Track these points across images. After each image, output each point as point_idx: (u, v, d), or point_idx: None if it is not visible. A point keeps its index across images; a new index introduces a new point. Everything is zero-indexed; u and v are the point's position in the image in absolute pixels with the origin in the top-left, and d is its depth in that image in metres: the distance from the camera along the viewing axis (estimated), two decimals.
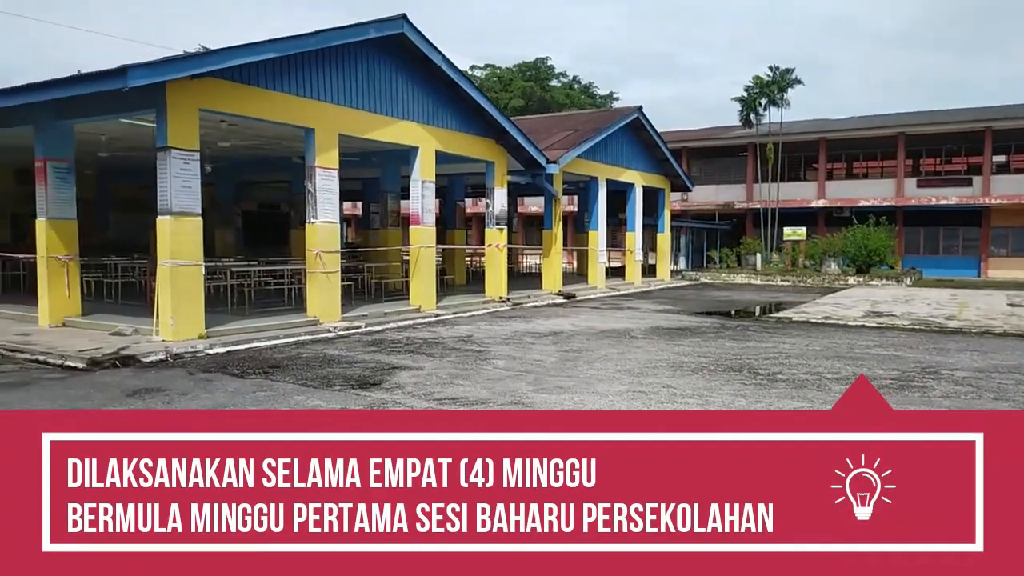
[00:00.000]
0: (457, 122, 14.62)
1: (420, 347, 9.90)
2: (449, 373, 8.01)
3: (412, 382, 7.51)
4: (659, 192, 24.26)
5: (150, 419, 3.94)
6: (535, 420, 3.98)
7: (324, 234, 11.81)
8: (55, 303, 11.07)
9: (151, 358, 8.83)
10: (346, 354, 9.25)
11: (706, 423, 3.07)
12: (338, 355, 9.17)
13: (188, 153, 9.75)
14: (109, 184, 22.75)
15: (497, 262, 16.04)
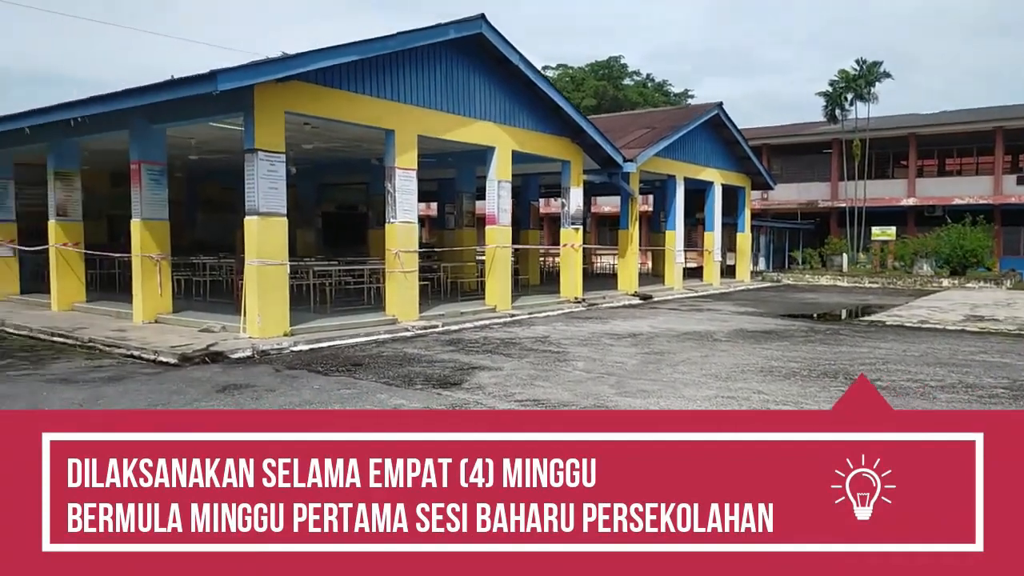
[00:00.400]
0: (533, 121, 14.53)
1: (497, 347, 9.84)
2: (529, 374, 7.90)
3: (492, 383, 7.44)
4: (739, 191, 23.57)
5: (150, 419, 3.95)
6: (535, 420, 3.99)
7: (402, 234, 11.91)
8: (148, 300, 11.52)
9: (239, 354, 9.06)
10: (425, 353, 9.27)
11: (706, 423, 3.08)
12: (417, 354, 9.20)
13: (274, 155, 9.97)
14: (197, 186, 23.69)
15: (572, 262, 15.87)
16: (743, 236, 24.13)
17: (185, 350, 8.98)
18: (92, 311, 12.90)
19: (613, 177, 16.95)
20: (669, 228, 19.88)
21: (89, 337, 10.09)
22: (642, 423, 3.06)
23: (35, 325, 11.26)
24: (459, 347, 9.83)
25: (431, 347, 9.82)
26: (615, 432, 2.90)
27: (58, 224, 13.23)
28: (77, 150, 13.36)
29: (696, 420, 3.59)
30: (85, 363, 8.50)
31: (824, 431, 2.86)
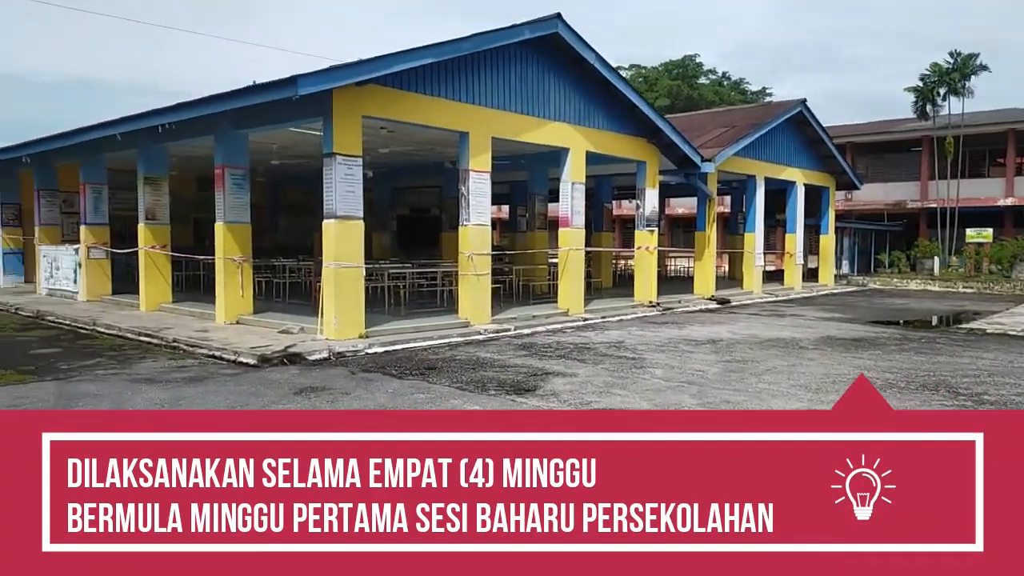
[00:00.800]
0: (608, 121, 14.26)
1: (571, 352, 9.63)
2: (605, 381, 7.68)
3: (567, 389, 7.25)
4: (822, 191, 22.63)
5: (150, 419, 3.92)
6: (535, 420, 4.00)
7: (476, 237, 11.85)
8: (230, 302, 11.82)
9: (316, 356, 9.16)
10: (498, 357, 9.16)
11: (706, 423, 3.11)
12: (490, 358, 9.09)
13: (352, 159, 10.06)
14: (278, 190, 24.36)
15: (647, 265, 15.51)
16: (827, 238, 23.16)
17: (264, 351, 9.13)
18: (177, 311, 13.35)
19: (690, 178, 16.49)
20: (748, 230, 19.24)
21: (173, 337, 10.41)
22: (642, 423, 3.07)
23: (124, 325, 11.71)
24: (532, 352, 9.68)
25: (503, 351, 9.70)
26: (615, 432, 2.90)
27: (147, 227, 13.75)
28: (165, 156, 13.86)
29: (696, 420, 3.61)
30: (169, 363, 8.74)
31: (824, 431, 2.86)
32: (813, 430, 2.88)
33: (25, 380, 7.51)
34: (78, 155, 15.51)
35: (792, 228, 21.10)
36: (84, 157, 15.40)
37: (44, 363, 8.55)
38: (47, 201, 17.51)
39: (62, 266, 16.47)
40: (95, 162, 15.41)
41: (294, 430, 2.93)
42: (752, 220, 19.15)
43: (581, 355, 9.41)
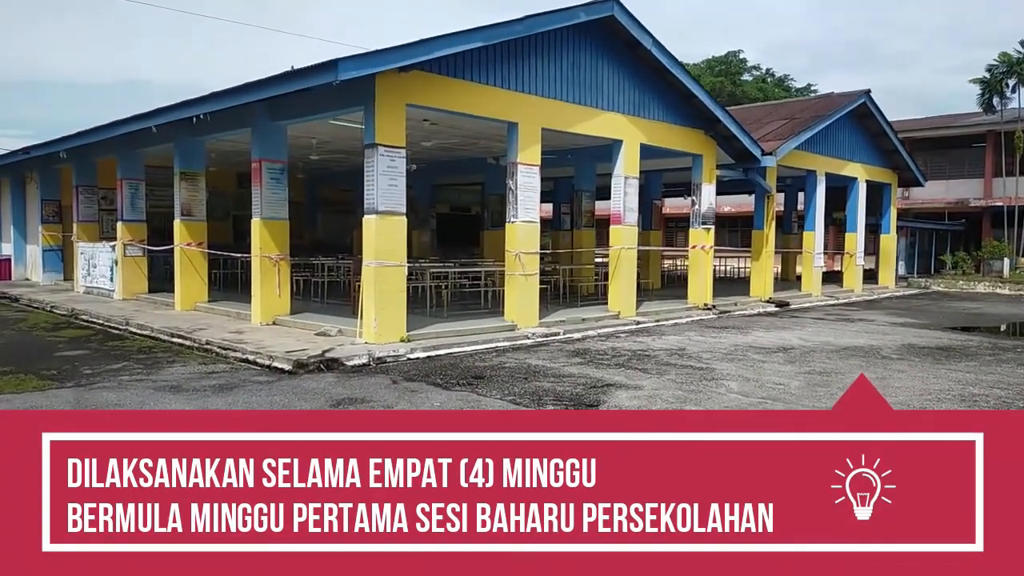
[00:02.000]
0: (663, 112, 13.41)
1: (630, 360, 8.84)
2: (675, 396, 6.88)
3: (633, 405, 6.48)
4: (883, 188, 21.40)
5: (150, 419, 3.90)
6: (535, 420, 3.88)
7: (524, 234, 11.11)
8: (266, 302, 11.27)
9: (354, 361, 8.52)
10: (550, 365, 8.41)
11: (706, 424, 3.09)
12: (542, 366, 8.35)
13: (395, 150, 9.41)
14: (318, 186, 23.94)
15: (702, 266, 14.60)
16: (887, 238, 21.91)
17: (300, 356, 8.52)
18: (213, 311, 12.88)
19: (749, 173, 15.53)
20: (808, 228, 18.17)
21: (206, 339, 9.88)
22: (642, 423, 3.08)
23: (157, 325, 11.24)
24: (587, 359, 8.91)
25: (555, 358, 8.95)
26: (615, 432, 2.89)
27: (183, 224, 13.30)
28: (202, 150, 13.40)
29: (696, 421, 3.56)
30: (199, 368, 8.17)
31: (824, 431, 2.85)
32: (813, 430, 2.86)
33: (45, 387, 6.98)
34: (115, 150, 15.18)
35: (853, 227, 19.93)
36: (121, 152, 15.05)
37: (68, 367, 8.04)
38: (85, 197, 17.26)
39: (99, 264, 16.17)
40: (132, 157, 15.05)
41: (293, 430, 2.89)
42: (812, 218, 18.07)
43: (642, 364, 8.61)
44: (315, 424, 3.02)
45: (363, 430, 2.90)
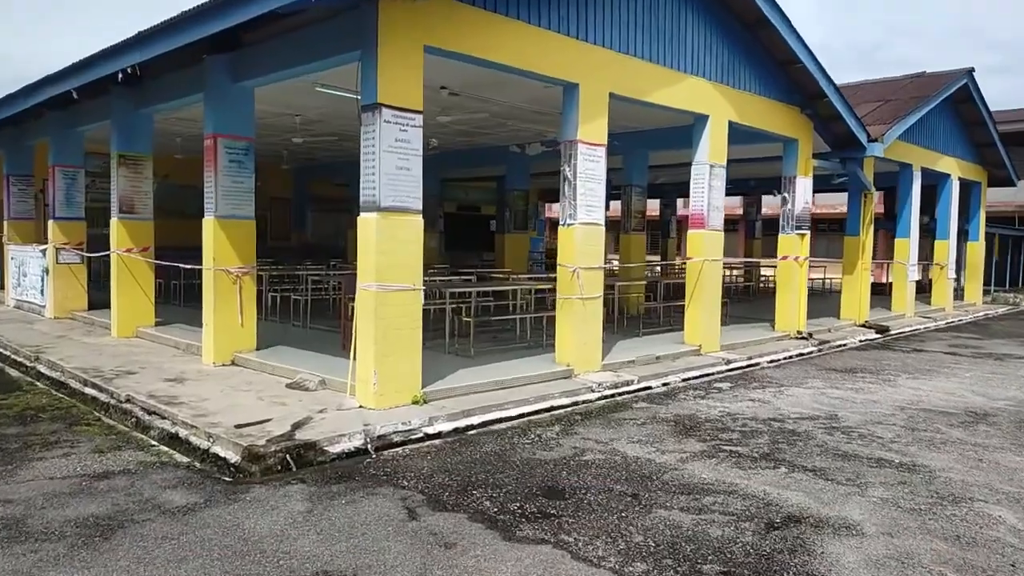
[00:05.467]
0: (755, 81, 10.21)
1: (776, 445, 5.63)
2: (936, 554, 3.66)
3: None
4: (973, 187, 18.21)
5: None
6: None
7: (584, 242, 7.90)
8: (223, 334, 8.05)
9: (341, 446, 5.30)
10: (660, 460, 5.19)
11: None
12: (648, 462, 5.13)
13: (406, 115, 6.19)
14: (307, 181, 20.69)
15: (795, 282, 11.38)
16: (975, 246, 18.69)
17: (256, 436, 5.30)
18: (158, 340, 9.64)
19: (848, 163, 12.34)
20: (901, 235, 14.94)
21: (128, 395, 6.65)
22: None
23: (74, 364, 8.02)
24: (707, 441, 5.69)
25: (658, 439, 5.73)
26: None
27: (121, 223, 10.06)
28: (147, 126, 10.16)
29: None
30: (89, 462, 4.94)
31: None
32: None
33: None
34: (47, 130, 11.98)
35: (944, 233, 16.72)
36: (53, 133, 11.83)
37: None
38: (19, 190, 13.99)
39: (29, 272, 12.93)
40: (67, 139, 11.82)
41: None
42: (906, 222, 14.86)
43: (801, 454, 5.39)
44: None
45: None
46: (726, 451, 5.38)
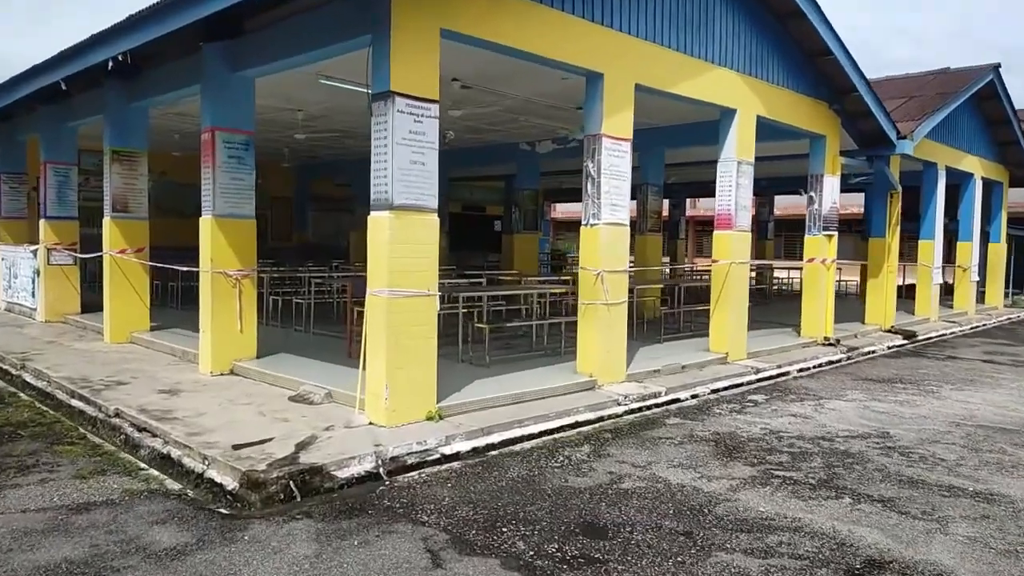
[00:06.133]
0: (784, 74, 9.68)
1: (832, 469, 5.10)
2: None
3: None
4: (994, 187, 17.67)
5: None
6: None
7: (609, 244, 7.37)
8: (221, 342, 7.51)
9: (349, 471, 4.77)
10: (708, 488, 4.66)
11: None
12: (695, 491, 4.59)
13: (422, 104, 5.66)
14: (309, 180, 20.16)
15: (822, 285, 10.84)
16: (997, 248, 18.15)
17: (256, 459, 4.76)
18: (153, 346, 9.11)
19: (875, 162, 11.80)
20: (925, 236, 14.40)
21: (117, 409, 6.11)
22: None
23: (62, 373, 7.49)
24: (754, 463, 5.16)
25: (701, 462, 5.19)
26: None
27: (114, 223, 9.53)
28: (142, 121, 9.62)
29: None
30: (69, 490, 4.41)
31: None
32: None
33: None
34: (37, 126, 11.45)
35: (967, 235, 16.18)
36: (43, 128, 11.30)
37: None
38: (11, 188, 13.44)
39: (20, 273, 12.40)
40: (59, 134, 11.28)
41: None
42: (930, 224, 14.32)
43: (861, 478, 4.86)
44: None
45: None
46: (778, 477, 4.85)
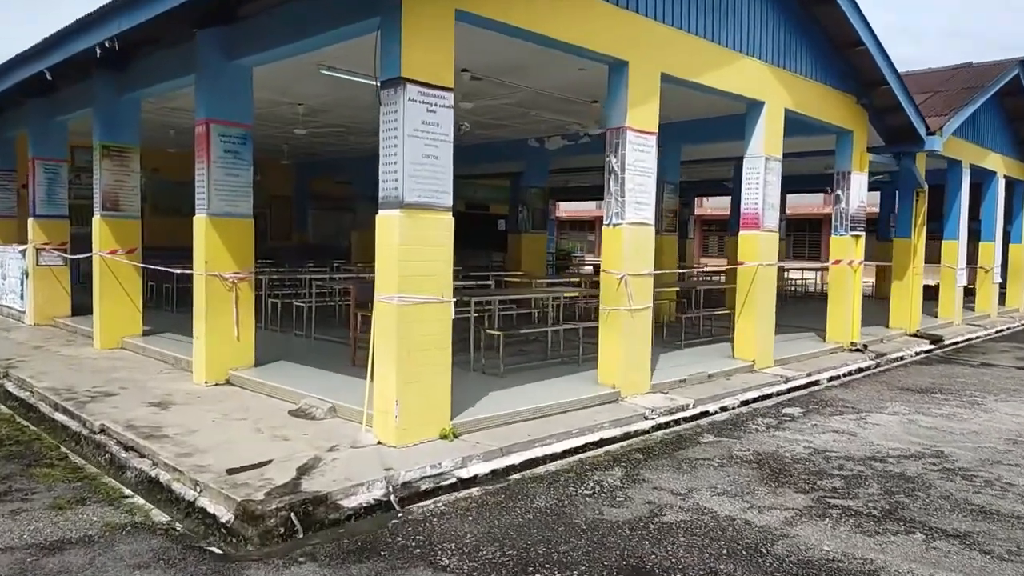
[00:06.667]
0: (811, 65, 9.17)
1: (896, 496, 4.61)
2: None
3: None
4: (1016, 185, 17.14)
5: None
6: None
7: (633, 244, 6.87)
8: (216, 350, 7.00)
9: (357, 500, 4.26)
10: (759, 519, 4.16)
11: None
12: (744, 523, 4.09)
13: (435, 92, 5.14)
14: (308, 178, 19.64)
15: (849, 288, 10.33)
16: (1018, 248, 17.62)
17: (252, 487, 4.25)
18: (145, 352, 8.60)
19: (903, 159, 11.29)
20: (949, 237, 13.90)
21: (103, 425, 5.61)
22: None
23: (45, 383, 6.99)
24: (806, 490, 4.65)
25: (745, 488, 4.69)
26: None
27: (104, 222, 9.01)
28: (133, 114, 9.11)
29: None
30: (42, 522, 3.90)
31: None
32: None
33: None
34: (25, 120, 10.95)
35: (990, 235, 15.66)
36: (32, 123, 10.79)
37: None
38: (1, 185, 12.97)
39: (9, 274, 11.90)
40: (48, 129, 10.77)
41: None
42: (954, 223, 13.82)
43: (927, 508, 4.36)
44: None
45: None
46: (836, 507, 4.34)
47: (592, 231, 43.55)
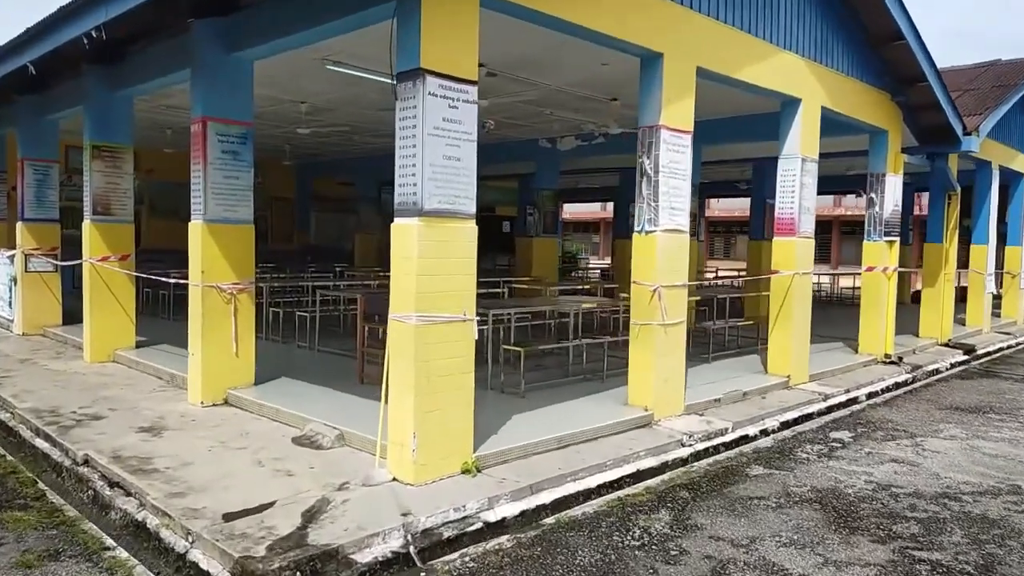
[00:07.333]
0: (848, 61, 8.61)
1: (986, 546, 4.06)
2: None
3: None
4: None
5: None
6: None
7: (668, 253, 6.30)
8: (214, 366, 6.44)
9: (372, 553, 3.71)
10: None
11: None
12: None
13: (458, 85, 4.60)
14: (310, 179, 19.08)
15: (883, 295, 9.77)
16: None
17: (252, 537, 3.70)
18: (138, 367, 8.04)
19: (936, 160, 10.74)
20: (978, 241, 13.34)
21: (86, 455, 5.05)
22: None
23: (29, 403, 6.43)
24: (882, 538, 4.09)
25: (813, 536, 4.12)
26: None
27: (95, 227, 8.45)
28: (126, 111, 8.55)
29: None
30: None
31: None
32: None
33: None
34: (14, 117, 10.39)
35: (1016, 239, 15.11)
36: (20, 121, 10.23)
37: None
38: None
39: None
40: (38, 128, 10.21)
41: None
42: (984, 227, 13.26)
43: None
44: None
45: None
46: (923, 561, 3.78)
47: (597, 233, 42.99)
